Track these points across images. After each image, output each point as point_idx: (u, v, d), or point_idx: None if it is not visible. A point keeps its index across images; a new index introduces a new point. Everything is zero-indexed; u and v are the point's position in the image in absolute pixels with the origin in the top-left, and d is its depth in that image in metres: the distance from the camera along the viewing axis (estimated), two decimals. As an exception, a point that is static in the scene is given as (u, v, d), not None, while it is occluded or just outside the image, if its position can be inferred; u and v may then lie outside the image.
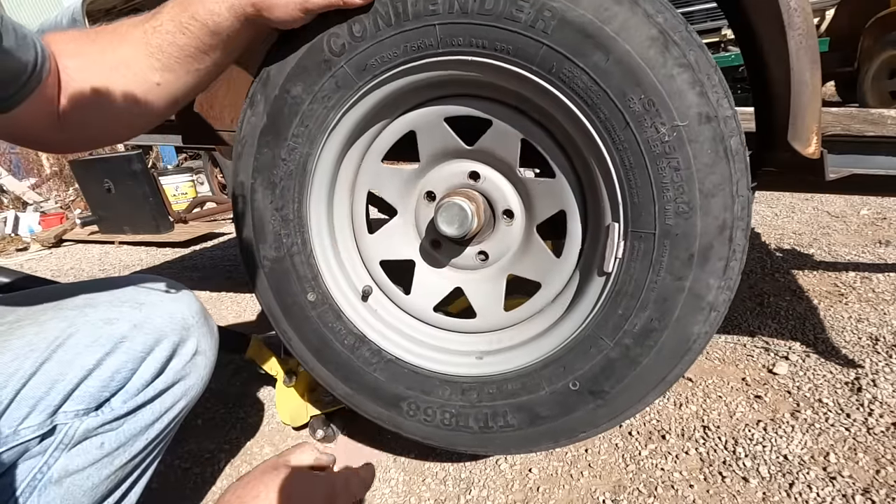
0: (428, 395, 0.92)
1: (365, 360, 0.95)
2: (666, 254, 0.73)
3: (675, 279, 0.73)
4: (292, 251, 0.93)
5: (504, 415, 0.88)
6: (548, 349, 0.85)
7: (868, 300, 1.61)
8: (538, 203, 0.89)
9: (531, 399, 0.86)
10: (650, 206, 0.72)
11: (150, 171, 4.08)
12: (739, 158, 0.68)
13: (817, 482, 0.93)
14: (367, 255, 1.02)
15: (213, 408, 1.40)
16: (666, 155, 0.69)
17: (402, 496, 1.02)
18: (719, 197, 0.69)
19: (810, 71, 0.74)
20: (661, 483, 0.97)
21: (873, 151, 0.89)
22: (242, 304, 2.26)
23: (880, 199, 2.65)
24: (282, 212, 0.91)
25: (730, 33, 4.91)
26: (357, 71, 0.80)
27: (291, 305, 0.96)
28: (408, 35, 0.76)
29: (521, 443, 0.89)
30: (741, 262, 0.72)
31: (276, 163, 0.89)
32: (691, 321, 0.74)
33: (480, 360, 0.92)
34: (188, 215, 4.05)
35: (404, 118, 0.91)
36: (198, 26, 0.70)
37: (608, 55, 0.68)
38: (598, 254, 0.81)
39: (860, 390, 1.16)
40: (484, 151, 0.89)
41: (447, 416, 0.92)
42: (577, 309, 0.85)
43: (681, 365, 0.77)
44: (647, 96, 0.68)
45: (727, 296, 0.73)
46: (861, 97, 4.78)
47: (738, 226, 0.70)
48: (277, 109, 0.85)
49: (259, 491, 0.59)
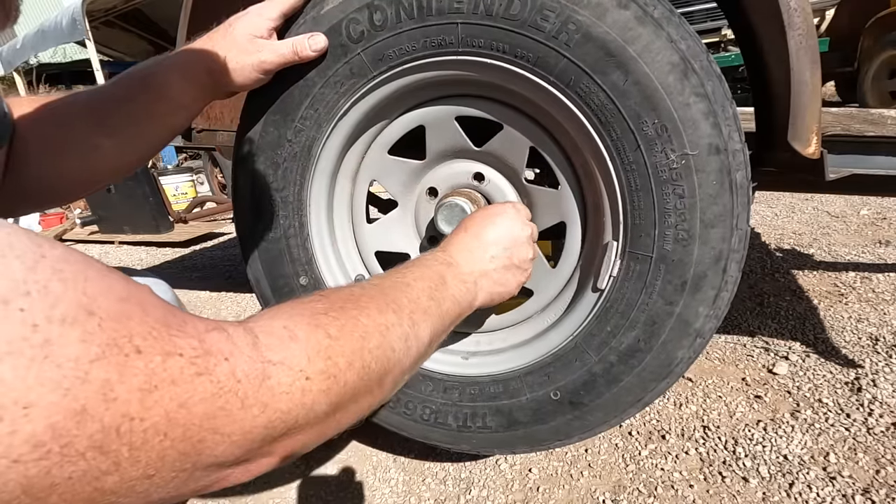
0: (410, 389, 0.93)
1: None
2: (660, 278, 0.74)
3: (666, 303, 0.74)
4: (288, 233, 0.93)
5: (483, 416, 0.89)
6: (533, 357, 0.86)
7: (868, 300, 1.61)
8: (539, 212, 0.89)
9: (511, 404, 0.87)
10: (650, 230, 0.73)
11: (150, 170, 4.08)
12: (743, 192, 0.69)
13: (817, 482, 0.93)
14: (363, 244, 1.02)
15: (213, 408, 1.40)
16: (672, 181, 0.70)
17: (402, 496, 1.02)
18: (719, 228, 0.70)
19: (810, 71, 0.74)
20: (661, 483, 0.97)
21: (873, 151, 0.89)
22: (242, 303, 2.26)
23: (880, 199, 2.65)
24: (282, 193, 0.91)
25: (730, 33, 4.91)
26: (373, 60, 0.80)
27: (282, 287, 0.95)
28: (429, 30, 0.76)
29: (496, 444, 0.91)
30: (731, 293, 0.73)
31: (282, 143, 0.88)
32: (676, 346, 0.75)
33: (466, 360, 0.93)
34: (188, 215, 4.05)
35: (415, 112, 0.90)
36: (151, 97, 0.72)
37: (627, 76, 0.68)
38: (594, 269, 0.82)
39: (860, 390, 1.16)
40: (491, 154, 0.89)
41: (427, 411, 0.92)
42: (566, 320, 0.86)
43: (660, 387, 0.79)
44: (661, 122, 0.68)
45: (713, 324, 0.75)
46: (861, 97, 4.78)
47: (733, 258, 0.71)
48: (289, 89, 0.85)
49: None
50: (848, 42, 4.80)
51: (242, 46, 0.74)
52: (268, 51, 0.76)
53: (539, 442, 0.87)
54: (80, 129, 0.70)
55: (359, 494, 1.04)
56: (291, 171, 0.89)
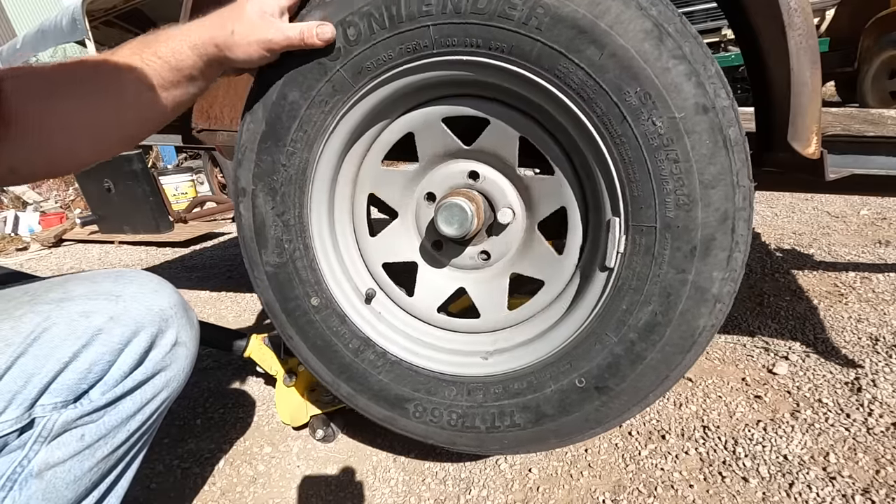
0: (434, 395, 0.92)
1: (370, 362, 0.95)
2: (668, 247, 0.73)
3: (678, 272, 0.73)
4: (294, 256, 0.93)
5: (511, 414, 0.88)
6: (552, 347, 0.85)
7: (868, 300, 1.61)
8: (538, 200, 0.89)
9: (537, 397, 0.85)
10: (650, 200, 0.72)
11: (150, 170, 4.08)
12: (739, 148, 0.68)
13: (817, 482, 0.93)
14: (369, 257, 1.02)
15: (213, 407, 1.40)
16: (664, 147, 0.69)
17: (402, 496, 1.02)
18: (720, 188, 0.69)
19: (810, 71, 0.74)
20: (661, 483, 0.97)
21: (873, 151, 0.89)
22: (242, 303, 2.26)
23: (880, 199, 2.65)
24: (283, 217, 0.91)
25: (730, 33, 4.91)
26: (353, 74, 0.81)
27: (294, 310, 0.96)
28: (402, 37, 0.77)
29: (528, 442, 0.89)
30: (745, 253, 0.71)
31: (277, 168, 0.89)
32: (696, 315, 0.74)
33: (486, 360, 0.92)
34: (188, 215, 4.04)
35: (402, 120, 0.91)
36: (159, 63, 0.73)
37: (602, 50, 0.68)
38: (600, 249, 0.81)
39: (860, 390, 1.16)
40: (482, 151, 0.89)
41: (454, 416, 0.91)
42: (580, 305, 0.85)
43: (685, 361, 0.77)
44: (644, 90, 0.68)
45: (731, 287, 0.73)
46: (861, 97, 4.78)
47: (739, 216, 0.70)
48: (276, 115, 0.86)
49: None
50: (848, 42, 4.80)
51: (252, 22, 0.75)
52: (276, 30, 0.76)
53: (570, 434, 0.86)
54: (82, 96, 0.71)
55: (359, 494, 1.04)
56: (290, 195, 0.90)
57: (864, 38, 4.67)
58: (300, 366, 1.13)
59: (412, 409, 0.94)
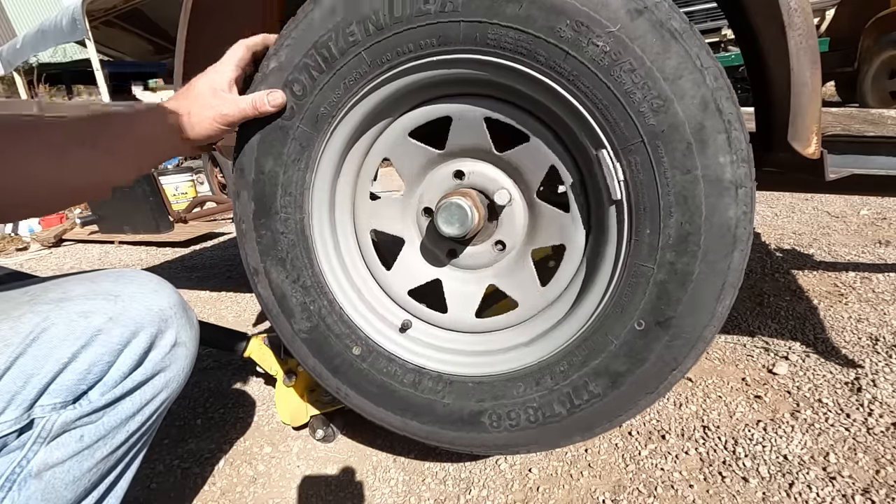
0: (503, 398, 0.88)
1: (430, 389, 0.92)
2: (664, 153, 0.71)
3: (685, 173, 0.70)
4: (322, 314, 0.93)
5: (585, 385, 0.83)
6: (596, 302, 0.82)
7: (868, 300, 1.61)
8: (527, 171, 0.88)
9: (604, 359, 0.81)
10: (626, 118, 0.71)
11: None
12: (689, 35, 0.67)
13: (817, 482, 0.93)
14: (393, 291, 1.01)
15: (213, 407, 1.40)
16: (616, 63, 0.69)
17: (402, 496, 1.02)
18: (687, 76, 0.68)
19: (810, 71, 0.74)
20: (661, 483, 0.97)
21: (873, 151, 0.89)
22: (242, 303, 2.26)
23: (880, 199, 2.65)
24: (299, 282, 0.92)
25: (730, 33, 4.92)
26: (312, 124, 0.84)
27: (340, 365, 0.95)
28: (341, 72, 0.81)
29: (615, 410, 0.83)
30: (742, 131, 0.68)
31: (277, 238, 0.91)
32: (722, 207, 0.70)
33: (529, 346, 0.90)
34: (188, 215, 4.04)
35: (375, 147, 0.95)
36: (136, 123, 0.76)
37: (520, 2, 0.70)
38: (603, 188, 0.78)
39: (860, 390, 1.16)
40: (457, 149, 0.90)
41: (531, 411, 0.87)
42: (606, 250, 0.81)
43: (734, 262, 0.72)
44: (573, 19, 0.69)
45: (745, 169, 0.69)
46: (861, 97, 4.78)
47: (720, 96, 0.68)
48: (260, 191, 0.89)
49: None
50: (848, 42, 4.81)
51: (205, 101, 0.79)
52: (229, 103, 0.80)
53: (654, 385, 0.80)
54: (54, 137, 0.69)
55: (359, 494, 1.04)
56: (298, 258, 0.91)
57: (864, 38, 4.68)
58: (299, 366, 1.13)
59: (487, 421, 0.90)
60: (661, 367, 0.78)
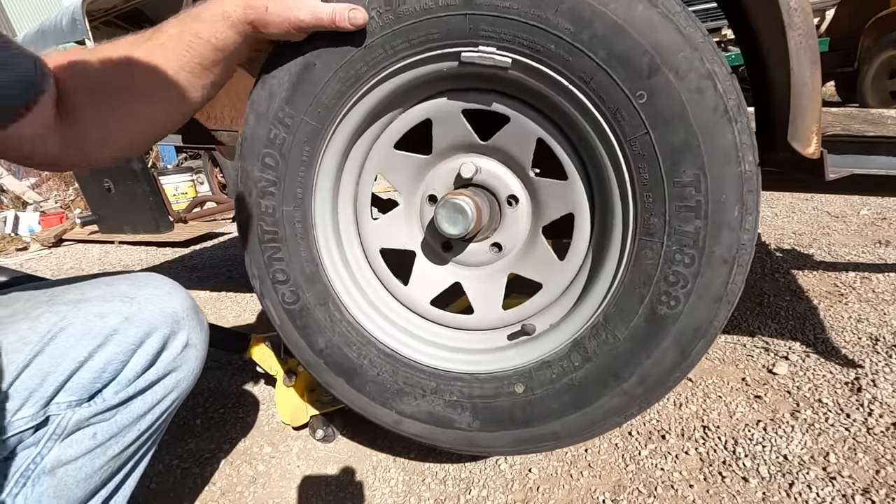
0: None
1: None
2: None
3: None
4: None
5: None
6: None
7: (868, 300, 1.61)
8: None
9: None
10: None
11: (150, 170, 4.07)
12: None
13: (817, 482, 0.93)
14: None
15: (213, 407, 1.40)
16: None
17: (402, 496, 1.02)
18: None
19: (810, 71, 0.74)
20: (661, 483, 0.97)
21: (873, 151, 0.89)
22: (242, 303, 2.26)
23: (880, 199, 2.65)
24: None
25: (730, 33, 4.91)
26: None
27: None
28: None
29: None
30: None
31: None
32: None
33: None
34: (188, 215, 4.05)
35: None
36: (202, 44, 0.73)
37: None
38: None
39: (860, 390, 1.16)
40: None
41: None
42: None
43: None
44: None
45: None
46: (861, 97, 4.78)
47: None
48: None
49: None
50: (848, 42, 4.80)
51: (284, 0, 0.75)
52: (307, 9, 0.75)
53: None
54: (128, 99, 0.72)
55: (359, 494, 1.04)
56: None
57: (864, 38, 4.67)
58: (299, 366, 1.13)
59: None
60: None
